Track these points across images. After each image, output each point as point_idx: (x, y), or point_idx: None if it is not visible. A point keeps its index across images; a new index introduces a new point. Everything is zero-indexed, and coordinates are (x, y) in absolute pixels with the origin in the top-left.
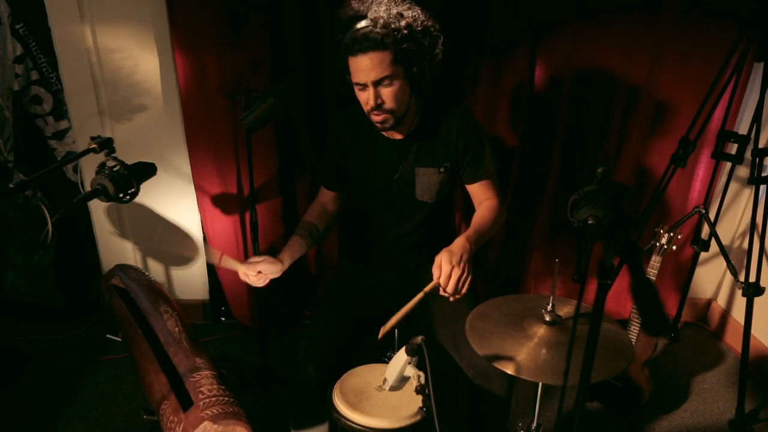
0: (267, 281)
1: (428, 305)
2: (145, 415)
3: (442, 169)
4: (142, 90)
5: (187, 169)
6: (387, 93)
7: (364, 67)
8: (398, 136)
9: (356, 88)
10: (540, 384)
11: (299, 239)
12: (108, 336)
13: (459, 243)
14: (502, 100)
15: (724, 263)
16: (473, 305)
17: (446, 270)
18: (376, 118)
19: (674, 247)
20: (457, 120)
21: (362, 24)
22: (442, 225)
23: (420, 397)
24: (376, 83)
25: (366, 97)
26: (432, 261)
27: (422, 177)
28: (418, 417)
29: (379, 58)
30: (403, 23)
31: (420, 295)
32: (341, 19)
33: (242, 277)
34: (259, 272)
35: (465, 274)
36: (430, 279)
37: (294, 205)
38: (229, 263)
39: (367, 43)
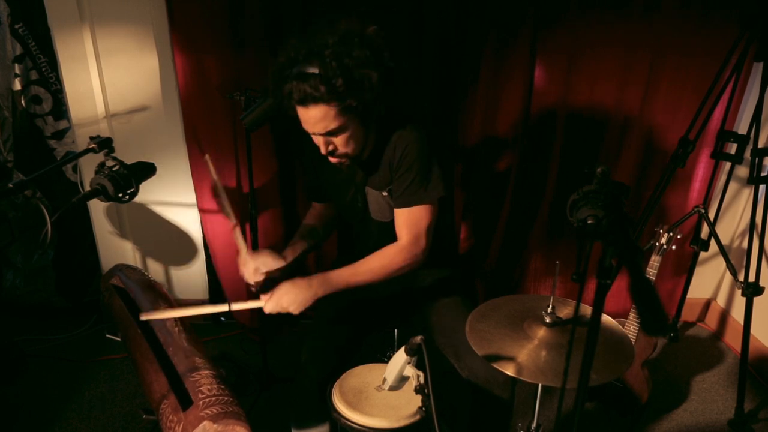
0: (262, 278)
1: (426, 315)
2: (145, 414)
3: (385, 193)
4: (142, 90)
5: (186, 169)
6: (338, 141)
7: (310, 119)
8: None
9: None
10: (540, 384)
11: (301, 240)
12: (108, 336)
13: (308, 288)
14: (502, 99)
15: (724, 263)
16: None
17: (272, 308)
18: (332, 160)
19: (674, 247)
20: (398, 142)
21: (303, 72)
22: None
23: (419, 397)
24: (325, 134)
25: (318, 142)
26: (427, 263)
27: (371, 197)
28: (418, 417)
29: (322, 112)
30: (339, 82)
31: (224, 308)
32: (281, 63)
33: (241, 265)
34: (257, 269)
35: (289, 311)
36: (427, 278)
37: (294, 205)
38: (238, 239)
39: (307, 96)
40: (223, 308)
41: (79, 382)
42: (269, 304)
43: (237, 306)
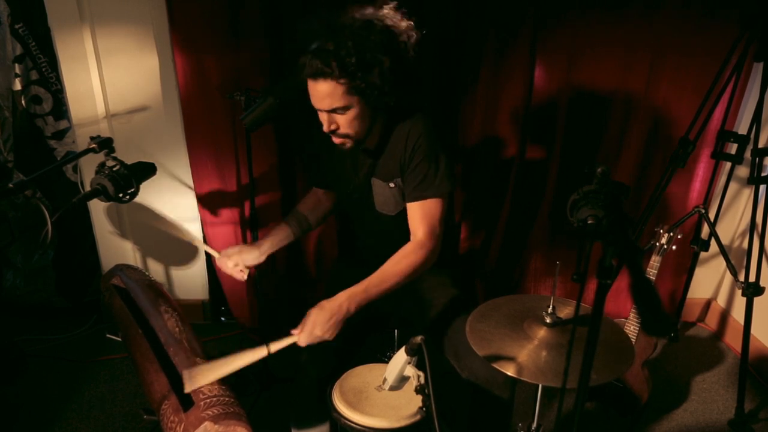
0: (248, 272)
1: (426, 315)
2: (146, 415)
3: (392, 184)
4: (142, 90)
5: (187, 168)
6: (342, 120)
7: (317, 94)
8: (359, 148)
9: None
10: (540, 385)
11: (285, 227)
12: (108, 336)
13: (337, 308)
14: (502, 99)
15: (724, 263)
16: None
17: (306, 339)
18: (335, 140)
19: (674, 247)
20: (408, 132)
21: (315, 48)
22: None
23: (419, 397)
24: (330, 110)
25: (322, 119)
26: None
27: (377, 189)
28: (418, 417)
29: (330, 88)
30: (352, 60)
31: (264, 353)
32: (300, 36)
33: (221, 267)
34: (236, 266)
35: (325, 338)
36: (427, 279)
37: (294, 205)
38: (208, 249)
39: (318, 70)
40: (263, 353)
41: (79, 382)
42: (303, 337)
43: (275, 346)
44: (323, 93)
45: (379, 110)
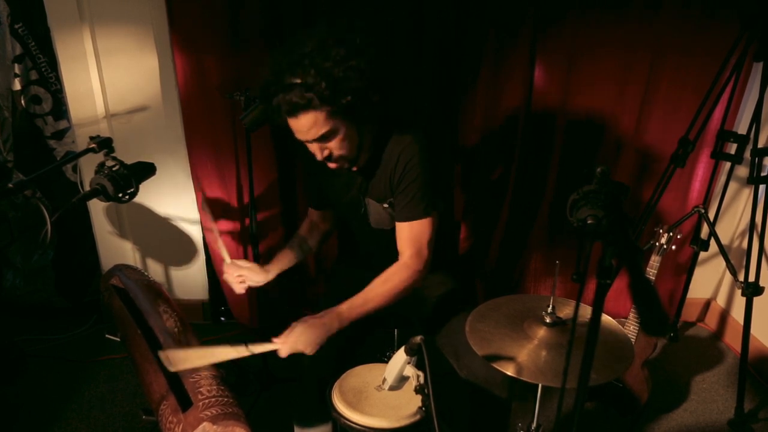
0: (245, 289)
1: (426, 316)
2: (144, 415)
3: (386, 205)
4: (142, 90)
5: (186, 169)
6: (333, 145)
7: (302, 128)
8: (353, 167)
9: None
10: (540, 384)
11: (289, 251)
12: (107, 336)
13: (322, 326)
14: (502, 99)
15: (724, 263)
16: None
17: (288, 352)
18: (331, 165)
19: (674, 247)
20: (400, 153)
21: (287, 83)
22: None
23: (419, 397)
24: (318, 139)
25: (313, 150)
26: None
27: (372, 208)
28: (418, 417)
29: (311, 119)
30: (322, 86)
31: (243, 353)
32: (267, 78)
33: (224, 276)
34: (240, 276)
35: (305, 352)
36: (427, 280)
37: (294, 206)
38: (221, 250)
39: (293, 106)
40: (242, 353)
41: (79, 382)
42: (285, 348)
43: (255, 349)
44: (306, 125)
45: (365, 123)
